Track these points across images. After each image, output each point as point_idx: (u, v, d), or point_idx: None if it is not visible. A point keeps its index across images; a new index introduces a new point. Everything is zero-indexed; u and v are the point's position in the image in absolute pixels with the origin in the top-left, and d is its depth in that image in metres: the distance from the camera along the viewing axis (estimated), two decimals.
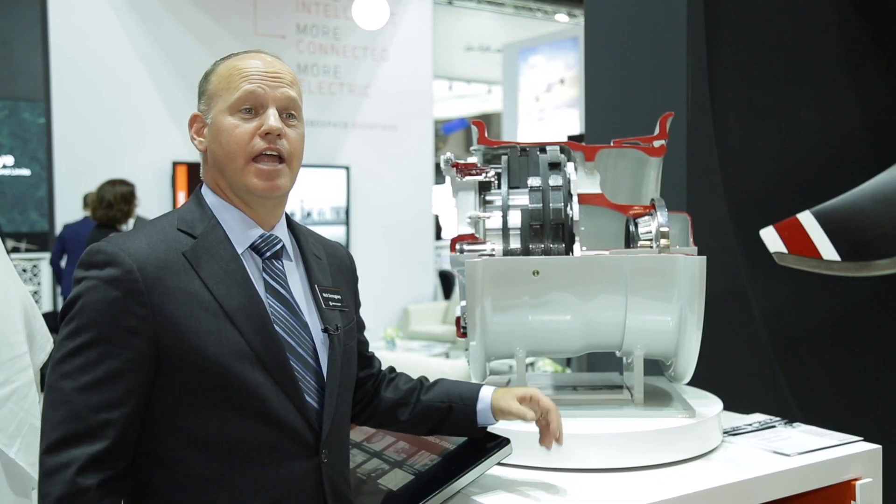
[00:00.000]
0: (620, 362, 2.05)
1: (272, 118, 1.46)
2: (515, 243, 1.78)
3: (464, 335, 1.82)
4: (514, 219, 1.79)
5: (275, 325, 1.45)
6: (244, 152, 1.45)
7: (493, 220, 1.80)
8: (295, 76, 1.53)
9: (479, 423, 1.65)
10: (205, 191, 1.53)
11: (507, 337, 1.78)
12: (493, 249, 1.78)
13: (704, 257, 1.68)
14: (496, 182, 1.88)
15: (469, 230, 1.83)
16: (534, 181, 1.83)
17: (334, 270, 1.63)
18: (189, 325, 1.37)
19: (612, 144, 2.01)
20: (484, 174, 1.88)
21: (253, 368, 1.40)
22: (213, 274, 1.42)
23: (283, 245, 1.53)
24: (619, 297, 1.72)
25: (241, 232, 1.49)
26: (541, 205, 1.79)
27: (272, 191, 1.47)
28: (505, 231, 1.79)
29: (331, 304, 1.56)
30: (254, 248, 1.49)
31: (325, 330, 1.52)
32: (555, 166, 1.88)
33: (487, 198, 1.87)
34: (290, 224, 1.59)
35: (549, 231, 1.78)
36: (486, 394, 1.64)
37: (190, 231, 1.45)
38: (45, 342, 1.53)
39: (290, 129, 1.49)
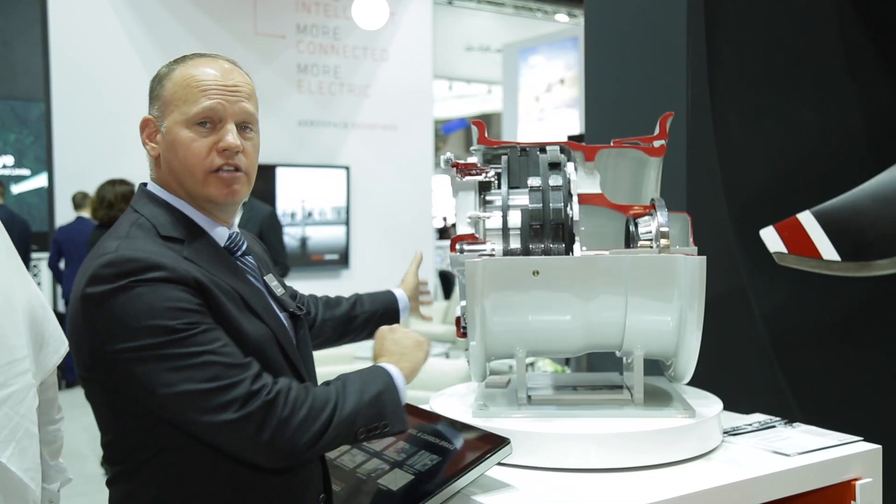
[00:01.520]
0: (620, 362, 2.05)
1: (231, 135, 1.45)
2: (515, 243, 1.78)
3: (464, 335, 1.82)
4: (514, 219, 1.79)
5: None
6: (202, 166, 1.45)
7: (493, 220, 1.80)
8: (252, 86, 1.53)
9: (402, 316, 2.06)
10: (159, 192, 1.49)
11: (507, 337, 1.77)
12: (493, 249, 1.78)
13: (704, 257, 1.68)
14: (496, 182, 1.87)
15: (469, 230, 1.83)
16: (534, 181, 1.83)
17: (264, 257, 1.69)
18: (231, 318, 1.38)
19: (612, 144, 2.01)
20: (484, 174, 1.87)
21: (277, 354, 1.45)
22: (219, 271, 1.42)
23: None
24: (619, 297, 1.72)
25: (211, 232, 1.49)
26: (541, 205, 1.79)
27: (231, 197, 1.48)
28: (505, 231, 1.79)
29: (280, 289, 1.63)
30: (225, 248, 1.51)
31: (291, 315, 1.58)
32: (555, 166, 1.88)
33: (487, 198, 1.86)
34: None
35: (549, 231, 1.78)
36: (400, 294, 2.04)
37: (173, 235, 1.42)
38: (60, 345, 1.49)
39: (246, 141, 1.49)
